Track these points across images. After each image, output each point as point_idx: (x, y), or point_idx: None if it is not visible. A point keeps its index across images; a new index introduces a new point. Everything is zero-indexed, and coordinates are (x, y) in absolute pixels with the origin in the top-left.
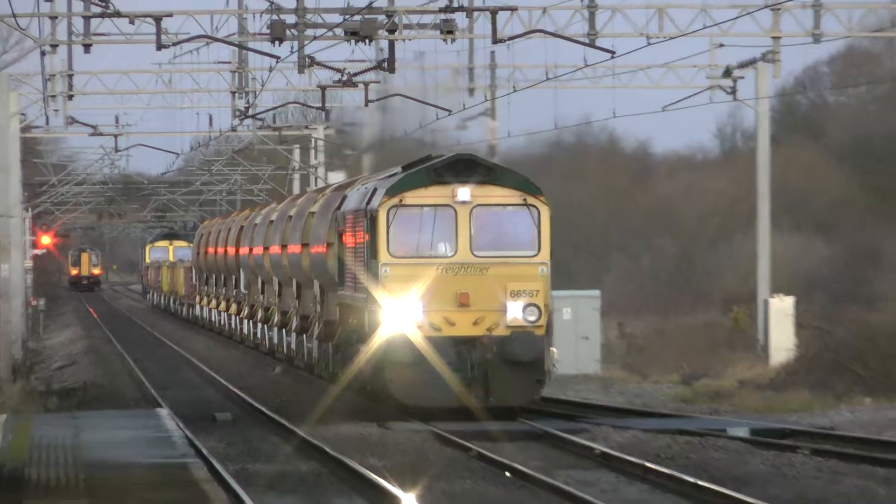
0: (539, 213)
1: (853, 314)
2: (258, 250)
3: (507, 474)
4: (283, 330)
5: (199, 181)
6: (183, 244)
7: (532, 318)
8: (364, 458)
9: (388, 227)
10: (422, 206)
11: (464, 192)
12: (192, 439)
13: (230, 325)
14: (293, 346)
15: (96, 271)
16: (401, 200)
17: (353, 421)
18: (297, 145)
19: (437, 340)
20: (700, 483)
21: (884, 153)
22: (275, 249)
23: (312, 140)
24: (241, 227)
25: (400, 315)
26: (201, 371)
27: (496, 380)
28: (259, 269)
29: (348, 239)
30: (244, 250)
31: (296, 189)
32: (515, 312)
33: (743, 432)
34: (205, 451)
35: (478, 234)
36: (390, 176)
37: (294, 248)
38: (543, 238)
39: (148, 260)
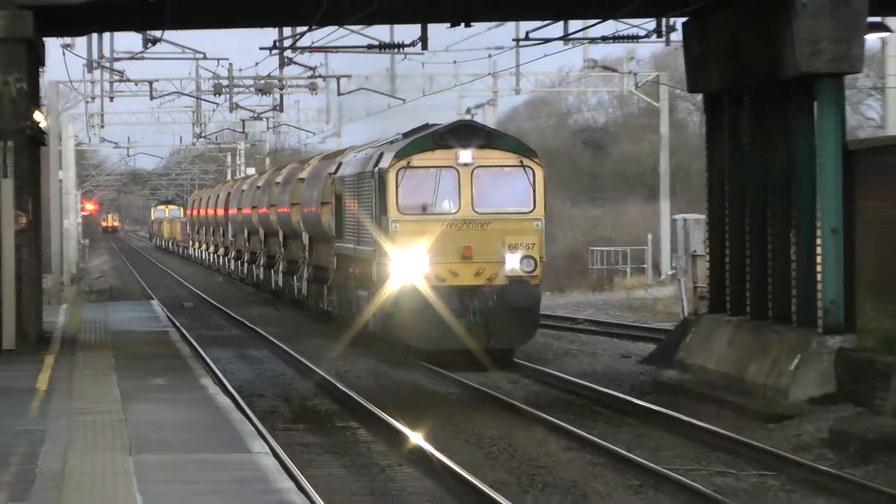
0: (534, 173)
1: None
2: (246, 210)
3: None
4: (271, 270)
5: (174, 173)
6: (174, 207)
7: (528, 269)
8: (269, 328)
9: (396, 186)
10: (427, 167)
11: (465, 155)
12: (170, 317)
13: (214, 261)
14: (280, 283)
15: (116, 224)
16: (408, 162)
17: (264, 307)
18: (229, 153)
19: (442, 290)
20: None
21: (554, 160)
22: (262, 210)
23: (238, 151)
24: (229, 192)
25: (408, 267)
26: (181, 283)
27: (496, 325)
28: (247, 223)
29: (349, 199)
30: (233, 210)
31: (228, 177)
32: (513, 263)
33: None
34: (177, 323)
35: (479, 193)
36: (393, 142)
37: (283, 209)
38: (538, 196)
39: (153, 217)
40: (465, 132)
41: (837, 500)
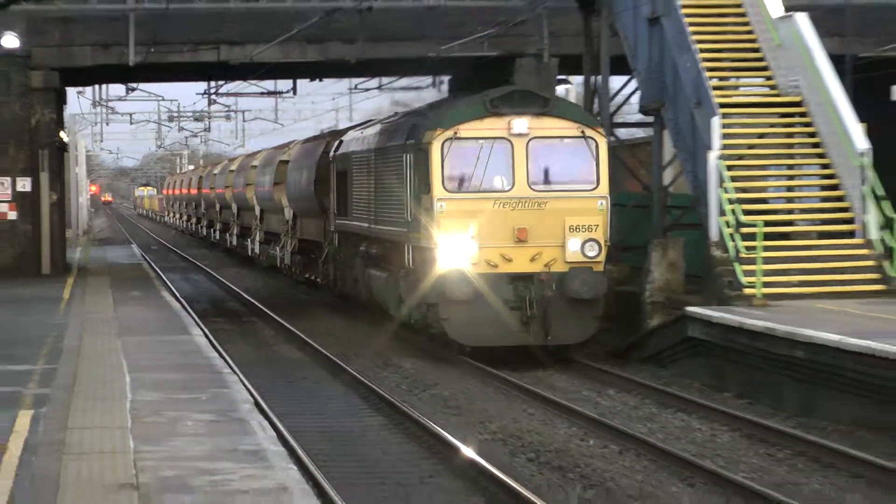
0: (597, 145)
1: None
2: (219, 190)
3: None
4: (246, 239)
5: (146, 168)
6: (151, 189)
7: (592, 254)
8: (203, 262)
9: (442, 160)
10: (477, 138)
11: (520, 124)
12: (143, 255)
13: (185, 227)
14: (257, 250)
15: (111, 199)
16: (455, 133)
17: (205, 250)
18: (178, 156)
19: (493, 277)
20: None
21: None
22: (238, 189)
23: (183, 155)
24: (201, 176)
25: (456, 251)
26: (152, 236)
27: (555, 318)
28: (220, 200)
29: (359, 176)
30: (206, 190)
31: (178, 171)
32: (575, 248)
33: None
34: (147, 258)
35: (535, 168)
36: (431, 109)
37: (261, 188)
38: (602, 171)
39: (136, 195)
40: (519, 98)
41: None
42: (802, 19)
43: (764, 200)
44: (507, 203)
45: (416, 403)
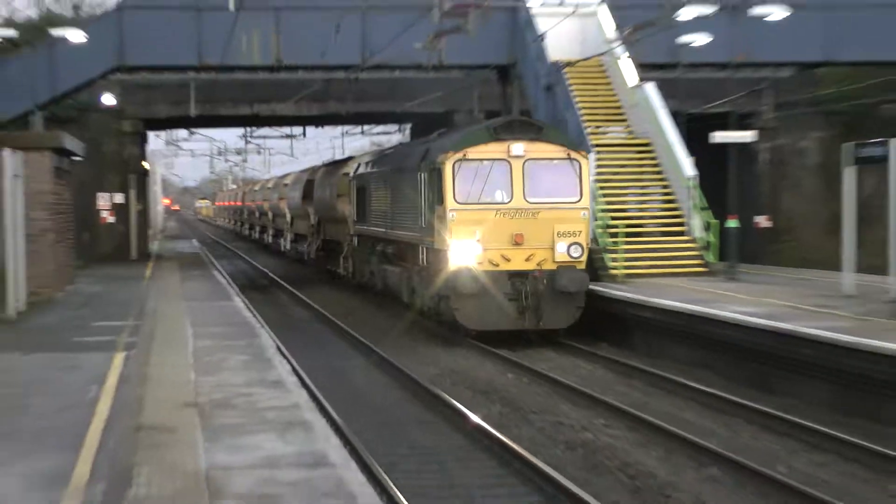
0: (580, 165)
1: None
2: (259, 202)
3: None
4: (280, 238)
5: (203, 187)
6: (206, 201)
7: (576, 255)
8: (247, 253)
9: (453, 177)
10: (482, 159)
11: (517, 148)
12: (200, 246)
13: (232, 228)
14: (287, 246)
15: (178, 208)
16: (464, 155)
17: (246, 244)
18: (224, 179)
19: (495, 274)
20: None
21: None
22: (273, 201)
23: (228, 178)
24: (244, 192)
25: (465, 252)
26: (207, 234)
27: (546, 307)
28: (259, 209)
29: (376, 191)
30: (248, 203)
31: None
32: (562, 250)
33: None
34: (203, 249)
35: (529, 184)
36: (435, 140)
37: (292, 200)
38: (584, 187)
39: (196, 205)
40: (517, 126)
41: None
42: (650, 87)
43: (624, 210)
44: (506, 212)
45: (385, 348)
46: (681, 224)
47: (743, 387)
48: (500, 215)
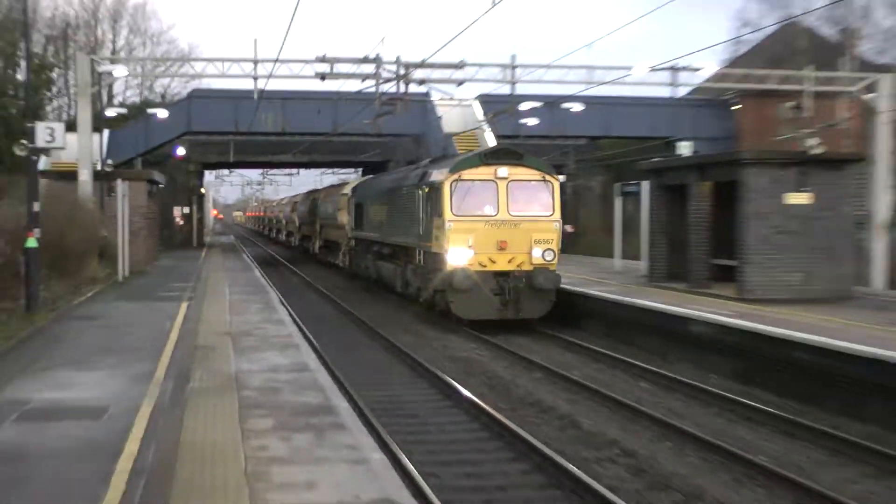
0: (553, 186)
1: None
2: (277, 213)
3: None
4: (290, 237)
5: (238, 205)
6: (240, 212)
7: (549, 258)
8: (268, 246)
9: (451, 194)
10: (473, 180)
11: (503, 171)
12: (236, 240)
13: (257, 230)
14: (296, 243)
15: (221, 217)
16: (459, 176)
17: (266, 241)
18: (251, 200)
19: (483, 273)
20: None
21: None
22: (287, 212)
23: (254, 199)
24: (266, 206)
25: (459, 255)
26: (240, 234)
27: (524, 301)
28: (276, 218)
29: (373, 206)
30: (269, 213)
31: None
32: (538, 254)
33: None
34: (237, 241)
35: (512, 200)
36: (428, 167)
37: (301, 212)
38: (556, 203)
39: (234, 215)
40: (502, 154)
41: None
42: (504, 145)
43: None
44: (493, 223)
45: (346, 303)
46: None
47: (558, 326)
48: (489, 225)
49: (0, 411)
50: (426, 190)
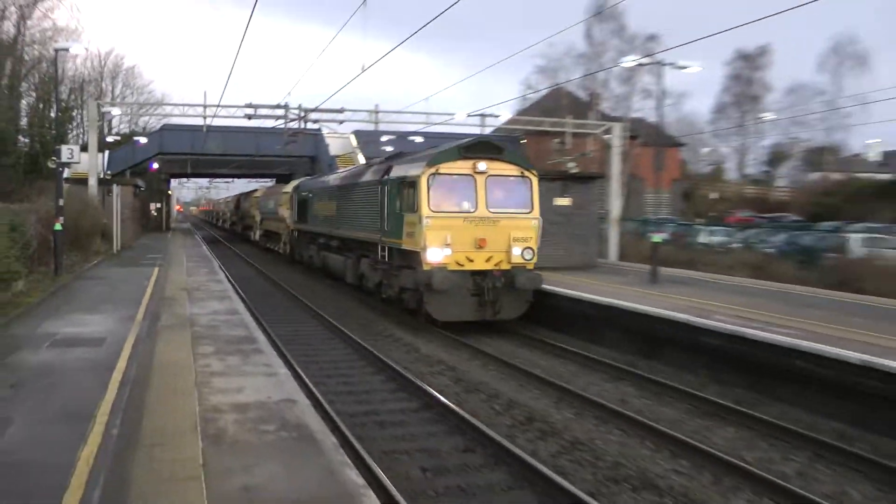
0: (531, 182)
1: None
2: (222, 208)
3: None
4: (234, 226)
5: (193, 201)
6: (194, 207)
7: (528, 257)
8: (212, 231)
9: (428, 189)
10: (451, 174)
11: (481, 165)
12: (191, 228)
13: (207, 220)
14: (239, 230)
15: (181, 209)
16: (437, 170)
17: (213, 228)
18: (203, 198)
19: (461, 273)
20: None
21: None
22: (231, 207)
23: (204, 198)
24: (213, 203)
25: (437, 254)
26: (195, 223)
27: (503, 301)
28: (222, 212)
29: (321, 201)
30: (216, 208)
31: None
32: (517, 253)
33: None
34: (193, 228)
35: (491, 196)
36: (393, 160)
37: (244, 206)
38: (535, 200)
39: (191, 209)
40: (482, 147)
41: None
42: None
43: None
44: (471, 220)
45: (265, 269)
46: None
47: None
48: (466, 222)
49: (39, 340)
50: (396, 185)
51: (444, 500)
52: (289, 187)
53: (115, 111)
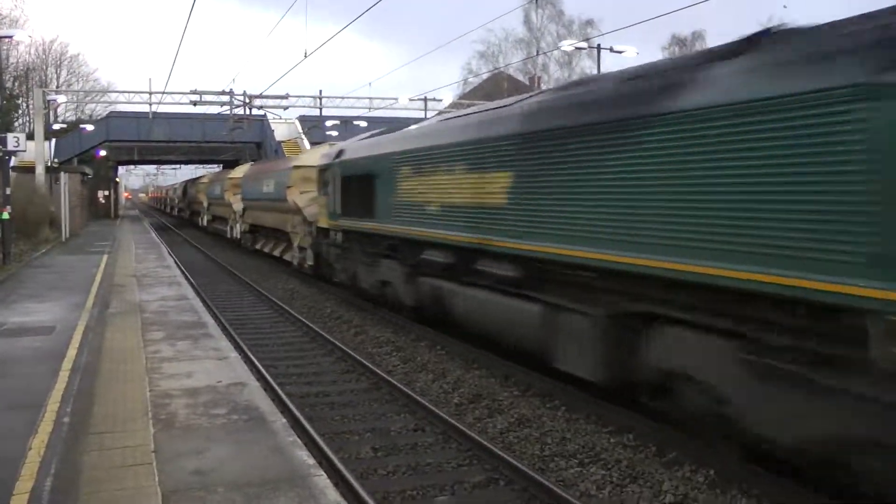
0: None
1: None
2: (171, 195)
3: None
4: (182, 213)
5: (142, 188)
6: (144, 194)
7: None
8: (159, 218)
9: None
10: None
11: None
12: (140, 214)
13: (156, 207)
14: (187, 216)
15: (129, 196)
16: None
17: (162, 215)
18: (151, 185)
19: None
20: None
21: None
22: (179, 193)
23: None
24: (162, 189)
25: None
26: (144, 210)
27: None
28: (170, 198)
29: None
30: (165, 195)
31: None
32: None
33: None
34: (141, 214)
35: None
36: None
37: (191, 192)
38: None
39: (139, 196)
40: None
41: None
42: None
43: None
44: None
45: (211, 252)
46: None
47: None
48: None
49: None
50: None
51: (394, 478)
52: (300, 161)
53: (61, 99)
